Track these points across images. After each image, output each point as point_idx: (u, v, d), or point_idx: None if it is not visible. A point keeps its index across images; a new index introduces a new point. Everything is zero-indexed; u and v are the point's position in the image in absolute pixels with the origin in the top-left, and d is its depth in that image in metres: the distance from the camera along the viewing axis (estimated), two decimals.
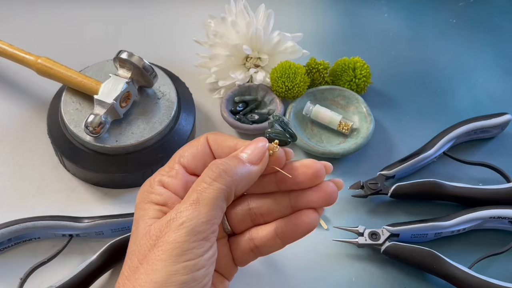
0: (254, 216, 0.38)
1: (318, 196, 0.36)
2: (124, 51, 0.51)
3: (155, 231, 0.32)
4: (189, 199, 0.33)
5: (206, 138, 0.37)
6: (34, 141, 0.55)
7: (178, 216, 0.32)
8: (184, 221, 0.32)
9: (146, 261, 0.32)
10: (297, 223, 0.37)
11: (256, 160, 0.35)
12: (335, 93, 0.58)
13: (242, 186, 0.35)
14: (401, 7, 0.73)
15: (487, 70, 0.65)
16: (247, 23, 0.57)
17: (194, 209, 0.32)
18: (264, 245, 0.38)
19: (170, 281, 0.31)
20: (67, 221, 0.46)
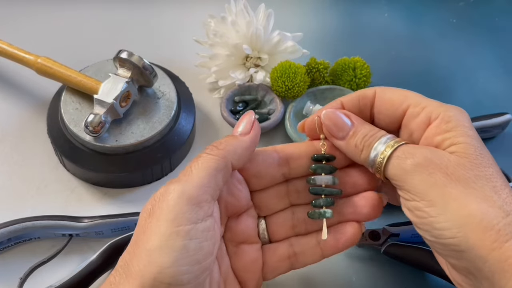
0: (297, 222, 0.38)
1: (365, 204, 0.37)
2: (124, 50, 0.51)
3: (150, 203, 0.32)
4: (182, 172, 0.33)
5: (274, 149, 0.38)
6: (34, 140, 0.55)
7: (169, 184, 0.32)
8: (175, 187, 0.32)
9: (143, 232, 0.31)
10: (340, 234, 0.37)
11: (246, 130, 0.36)
12: (335, 92, 0.58)
13: (238, 156, 0.35)
14: (401, 7, 0.73)
15: (487, 70, 0.65)
16: (247, 23, 0.57)
17: (184, 175, 0.33)
18: (303, 253, 0.37)
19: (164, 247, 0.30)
20: (67, 221, 0.46)
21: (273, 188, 0.38)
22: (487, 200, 0.30)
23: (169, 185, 0.32)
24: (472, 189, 0.31)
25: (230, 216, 0.37)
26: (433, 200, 0.31)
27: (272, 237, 0.38)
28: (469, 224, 0.29)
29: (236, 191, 0.37)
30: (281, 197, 0.38)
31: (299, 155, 0.37)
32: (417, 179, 0.32)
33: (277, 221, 0.38)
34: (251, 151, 0.36)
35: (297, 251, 0.38)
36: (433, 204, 0.31)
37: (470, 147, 0.32)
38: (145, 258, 0.30)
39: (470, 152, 0.32)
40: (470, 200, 0.30)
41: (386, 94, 0.36)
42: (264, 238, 0.38)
